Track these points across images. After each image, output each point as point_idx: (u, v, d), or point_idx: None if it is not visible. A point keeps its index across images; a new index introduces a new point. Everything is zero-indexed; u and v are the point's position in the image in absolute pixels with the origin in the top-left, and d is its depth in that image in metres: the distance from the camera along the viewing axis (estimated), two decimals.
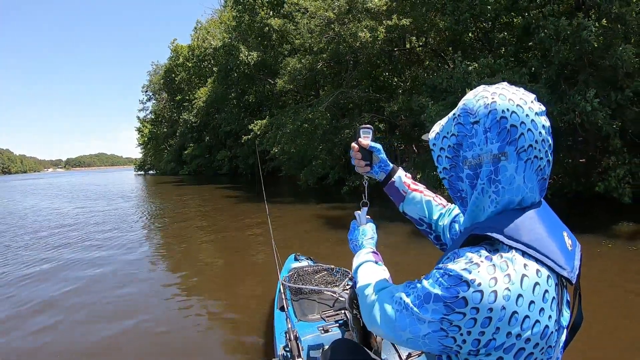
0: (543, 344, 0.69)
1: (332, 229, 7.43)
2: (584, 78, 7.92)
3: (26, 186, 34.29)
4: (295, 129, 11.92)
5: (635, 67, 7.71)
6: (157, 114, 44.16)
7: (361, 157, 1.12)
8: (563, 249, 0.74)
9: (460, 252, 0.73)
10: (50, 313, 3.79)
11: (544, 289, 0.69)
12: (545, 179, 0.78)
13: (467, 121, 0.77)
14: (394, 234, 6.16)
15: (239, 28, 18.52)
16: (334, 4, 10.79)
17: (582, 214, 7.59)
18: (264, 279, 4.32)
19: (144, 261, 5.64)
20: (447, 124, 0.84)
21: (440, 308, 0.69)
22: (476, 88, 0.80)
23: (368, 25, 10.32)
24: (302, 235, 7.20)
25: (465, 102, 0.79)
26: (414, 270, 4.26)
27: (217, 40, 22.89)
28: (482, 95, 0.77)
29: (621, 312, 3.29)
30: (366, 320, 0.85)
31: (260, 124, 14.95)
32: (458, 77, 8.14)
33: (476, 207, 0.79)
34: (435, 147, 0.86)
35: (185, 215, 10.61)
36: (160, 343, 3.10)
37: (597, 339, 2.72)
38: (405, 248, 5.54)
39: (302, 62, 12.14)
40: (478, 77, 7.90)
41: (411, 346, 0.76)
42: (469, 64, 8.29)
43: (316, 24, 11.12)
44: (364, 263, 0.99)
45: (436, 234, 1.11)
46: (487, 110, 0.74)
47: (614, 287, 3.83)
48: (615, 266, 4.51)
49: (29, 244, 7.23)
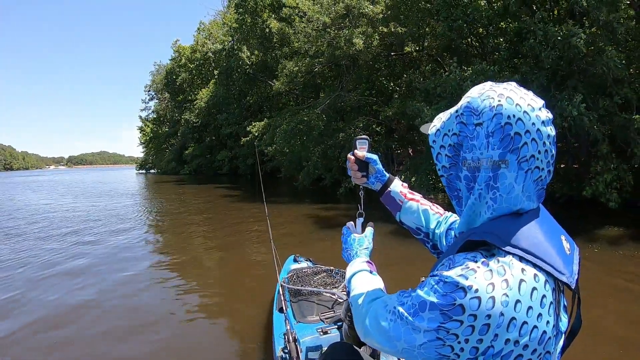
0: (541, 350, 0.68)
1: (329, 230, 7.55)
2: (573, 84, 8.10)
3: (29, 183, 34.47)
4: (289, 129, 12.14)
5: (624, 74, 7.91)
6: (159, 113, 44.52)
7: (357, 168, 1.12)
8: (561, 253, 0.73)
9: (455, 258, 0.72)
10: (39, 308, 3.87)
11: (542, 294, 0.68)
12: (545, 188, 0.77)
13: (470, 121, 0.75)
14: (389, 242, 6.10)
15: (240, 30, 18.78)
16: (331, 8, 11.00)
17: (574, 218, 7.68)
18: (262, 280, 4.31)
19: (142, 262, 5.59)
20: (448, 120, 0.81)
21: (436, 316, 0.68)
22: (483, 84, 0.77)
23: (364, 32, 10.53)
24: (300, 235, 7.28)
25: (470, 100, 0.76)
26: (409, 279, 4.30)
27: (217, 43, 23.15)
28: (488, 95, 0.73)
29: (605, 316, 3.33)
30: (360, 331, 0.83)
31: (258, 126, 15.19)
32: (452, 84, 8.33)
33: (472, 212, 0.78)
34: (435, 145, 0.84)
35: (184, 215, 10.64)
36: (158, 344, 3.09)
37: (580, 343, 2.80)
38: (401, 257, 5.48)
39: (299, 65, 12.37)
40: (472, 84, 8.08)
41: (406, 357, 0.73)
42: (465, 69, 8.49)
43: (313, 28, 11.34)
44: (358, 272, 0.97)
45: (433, 242, 1.10)
46: (492, 114, 0.72)
47: (598, 291, 3.90)
48: (600, 269, 4.61)
49: (45, 237, 7.51)
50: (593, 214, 7.97)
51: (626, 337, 2.97)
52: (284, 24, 13.33)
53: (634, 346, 2.85)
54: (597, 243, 5.72)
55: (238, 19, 18.51)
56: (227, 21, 24.23)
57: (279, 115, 14.76)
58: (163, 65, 42.79)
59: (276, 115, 15.35)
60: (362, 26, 10.74)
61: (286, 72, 12.54)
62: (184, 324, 3.46)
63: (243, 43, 18.89)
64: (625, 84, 8.20)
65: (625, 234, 6.34)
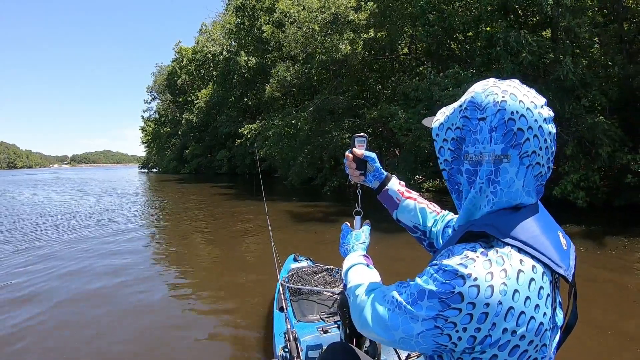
0: (537, 342, 0.69)
1: (321, 227, 7.86)
2: (537, 88, 8.54)
3: (36, 181, 34.65)
4: (278, 132, 12.66)
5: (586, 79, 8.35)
6: (161, 113, 45.22)
7: (355, 166, 1.11)
8: (558, 248, 0.74)
9: (454, 248, 0.73)
10: (39, 301, 3.97)
11: (540, 285, 0.69)
12: (544, 184, 0.78)
13: (474, 116, 0.76)
14: (386, 240, 6.08)
15: (239, 34, 19.25)
16: (319, 16, 11.53)
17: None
18: (263, 279, 4.31)
19: (142, 262, 5.55)
20: (452, 114, 0.82)
21: (435, 304, 0.68)
22: (485, 80, 0.79)
23: (348, 38, 11.08)
24: (296, 233, 7.46)
25: (474, 95, 0.77)
26: (407, 275, 4.46)
27: (216, 46, 23.68)
28: (491, 91, 0.75)
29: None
30: (356, 322, 0.83)
31: (250, 128, 15.70)
32: (423, 87, 8.84)
33: (472, 205, 0.79)
34: (438, 138, 0.85)
35: (183, 215, 10.71)
36: (157, 342, 3.09)
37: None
38: (397, 254, 5.44)
39: (290, 70, 12.90)
40: (440, 89, 8.60)
41: (404, 347, 0.74)
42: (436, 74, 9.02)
43: (302, 34, 11.90)
44: (355, 265, 0.97)
45: (429, 240, 1.10)
46: (495, 109, 0.73)
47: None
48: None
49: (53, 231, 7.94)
50: (568, 213, 8.12)
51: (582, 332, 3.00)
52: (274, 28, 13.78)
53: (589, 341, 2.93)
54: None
55: (238, 23, 18.96)
56: (226, 23, 24.76)
57: (269, 118, 15.28)
58: (164, 67, 43.53)
59: (267, 118, 15.85)
60: (347, 32, 11.33)
61: (278, 77, 13.09)
62: (184, 322, 3.47)
63: (241, 47, 19.35)
64: (594, 86, 8.65)
65: (593, 232, 6.62)
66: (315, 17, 11.31)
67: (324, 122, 13.31)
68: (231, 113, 25.96)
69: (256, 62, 18.29)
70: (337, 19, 11.20)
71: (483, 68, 10.06)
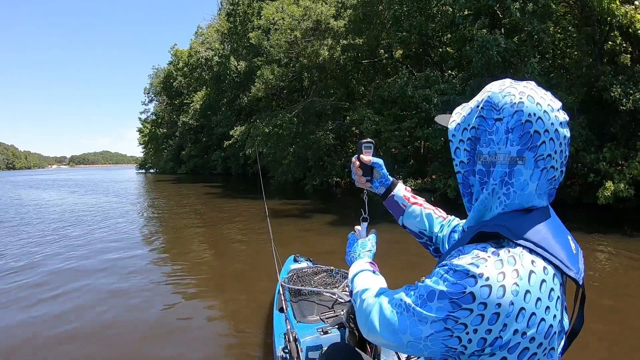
0: (546, 345, 0.68)
1: (309, 224, 8.15)
2: None
3: (37, 182, 34.58)
4: (266, 133, 13.20)
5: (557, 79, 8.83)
6: (158, 115, 45.69)
7: (362, 172, 1.10)
8: (568, 251, 0.74)
9: (465, 249, 0.72)
10: (39, 300, 4.00)
11: (550, 287, 0.68)
12: (556, 187, 0.77)
13: (490, 116, 0.75)
14: (389, 247, 5.92)
15: (230, 38, 19.69)
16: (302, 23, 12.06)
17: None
18: (263, 280, 4.29)
19: (141, 263, 5.51)
20: (469, 115, 0.80)
21: (445, 305, 0.66)
22: (502, 80, 0.78)
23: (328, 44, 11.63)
24: (292, 232, 7.57)
25: (491, 95, 0.76)
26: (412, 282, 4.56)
27: (209, 51, 24.11)
28: (509, 92, 0.73)
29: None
30: (363, 327, 0.81)
31: (239, 130, 16.18)
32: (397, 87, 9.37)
33: (484, 207, 0.77)
34: (455, 139, 0.83)
35: (182, 215, 10.72)
36: (157, 343, 3.09)
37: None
38: (403, 261, 5.37)
39: (275, 72, 13.41)
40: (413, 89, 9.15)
41: (412, 351, 0.73)
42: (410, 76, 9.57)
43: (284, 40, 12.41)
44: (361, 272, 0.96)
45: (435, 246, 1.09)
46: (513, 110, 0.72)
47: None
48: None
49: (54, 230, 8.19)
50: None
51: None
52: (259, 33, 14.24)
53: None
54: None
55: (230, 28, 19.42)
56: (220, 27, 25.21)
57: (257, 120, 15.75)
58: (161, 69, 44.02)
59: (254, 120, 16.30)
60: (327, 38, 11.89)
61: (262, 79, 13.59)
62: (184, 323, 3.46)
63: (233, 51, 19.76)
64: (561, 87, 9.14)
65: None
66: (297, 24, 11.85)
67: (310, 123, 13.79)
68: (225, 114, 26.51)
69: (246, 66, 18.71)
70: (318, 25, 11.75)
71: (456, 69, 10.59)
